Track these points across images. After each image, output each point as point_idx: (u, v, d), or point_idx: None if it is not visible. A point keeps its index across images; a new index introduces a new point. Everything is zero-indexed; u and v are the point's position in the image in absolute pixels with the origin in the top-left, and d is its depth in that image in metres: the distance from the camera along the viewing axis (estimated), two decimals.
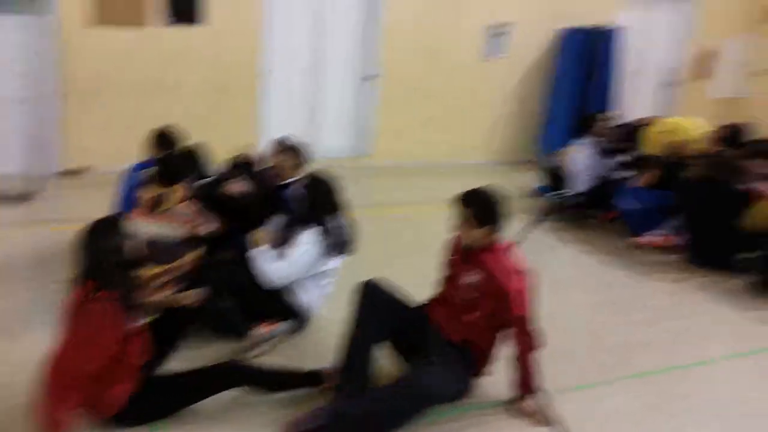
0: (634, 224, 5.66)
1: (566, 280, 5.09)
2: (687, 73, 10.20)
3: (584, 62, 8.70)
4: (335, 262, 3.61)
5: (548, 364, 3.43)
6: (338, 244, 3.51)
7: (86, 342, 2.51)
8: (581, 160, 6.42)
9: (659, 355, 3.66)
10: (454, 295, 3.08)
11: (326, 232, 3.45)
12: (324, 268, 3.55)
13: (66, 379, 2.50)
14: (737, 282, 4.84)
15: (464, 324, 2.96)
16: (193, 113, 7.17)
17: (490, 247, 2.95)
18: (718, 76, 10.45)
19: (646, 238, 5.49)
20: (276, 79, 8.00)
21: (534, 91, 9.13)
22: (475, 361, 3.04)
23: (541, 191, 7.25)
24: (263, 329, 3.44)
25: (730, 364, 3.62)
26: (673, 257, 5.32)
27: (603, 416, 3.03)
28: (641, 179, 5.71)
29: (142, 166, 4.44)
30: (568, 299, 4.50)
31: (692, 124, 6.04)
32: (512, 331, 2.91)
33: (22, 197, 6.05)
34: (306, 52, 8.17)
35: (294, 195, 3.87)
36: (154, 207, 3.94)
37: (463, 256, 3.04)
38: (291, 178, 4.22)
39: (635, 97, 10.09)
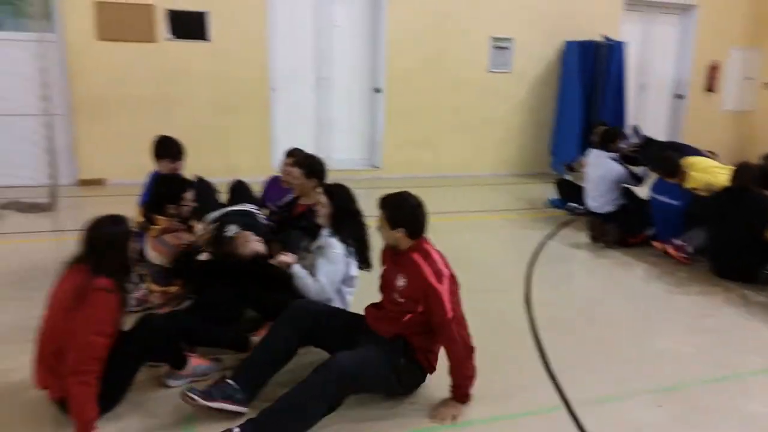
0: (664, 227, 5.63)
1: (589, 290, 5.05)
2: (694, 86, 10.22)
3: (588, 75, 8.73)
4: (356, 271, 3.57)
5: (572, 376, 3.41)
6: (362, 253, 3.48)
7: (101, 324, 2.60)
8: (600, 172, 6.36)
9: (685, 367, 3.60)
10: (389, 298, 3.12)
11: (350, 242, 3.43)
12: (348, 277, 3.51)
13: (90, 365, 2.56)
14: (764, 293, 4.79)
15: (401, 323, 3.00)
16: (203, 128, 7.18)
17: (413, 250, 3.02)
18: (725, 88, 10.48)
19: (667, 245, 5.41)
20: (283, 94, 8.01)
21: (542, 103, 9.15)
22: (415, 355, 3.04)
23: (554, 204, 7.23)
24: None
25: (760, 379, 3.56)
26: (698, 268, 5.27)
27: (627, 429, 2.97)
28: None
29: (156, 175, 4.42)
30: (590, 310, 4.44)
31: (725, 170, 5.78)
32: (444, 333, 2.93)
33: (44, 208, 6.17)
34: (312, 67, 8.19)
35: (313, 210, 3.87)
36: (143, 230, 3.90)
37: (393, 259, 3.12)
38: (310, 198, 4.10)
39: (643, 109, 10.13)
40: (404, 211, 3.03)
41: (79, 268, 2.71)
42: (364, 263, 3.52)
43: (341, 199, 3.50)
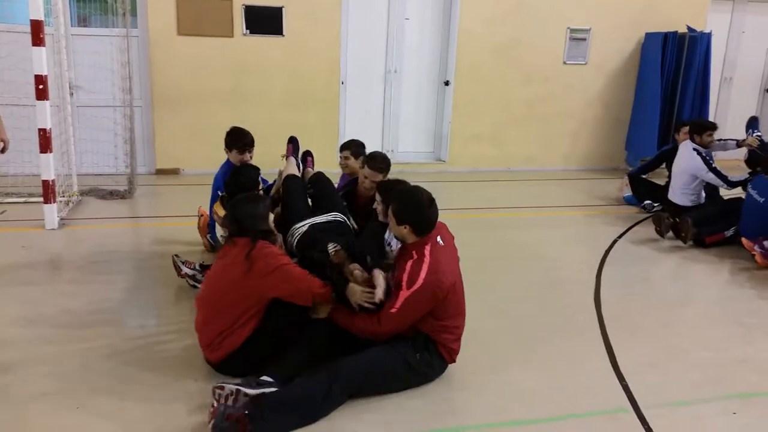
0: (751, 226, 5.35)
1: (662, 290, 4.84)
2: None
3: (669, 68, 8.34)
4: None
5: (640, 377, 3.28)
6: None
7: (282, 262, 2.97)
8: (682, 166, 6.15)
9: (763, 374, 3.40)
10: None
11: None
12: None
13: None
14: None
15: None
16: (274, 121, 7.33)
17: (414, 247, 2.98)
18: None
19: (755, 245, 5.11)
20: (352, 87, 8.08)
21: (619, 96, 8.82)
22: (436, 346, 3.03)
23: (629, 201, 6.97)
24: None
25: None
26: None
27: None
28: None
29: (228, 166, 4.57)
30: (663, 311, 4.25)
31: None
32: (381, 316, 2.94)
33: (122, 195, 6.49)
34: (381, 60, 8.21)
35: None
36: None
37: (402, 248, 3.10)
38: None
39: (727, 104, 9.60)
40: (410, 209, 2.98)
41: (236, 243, 3.00)
42: None
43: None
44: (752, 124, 6.83)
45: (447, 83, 8.34)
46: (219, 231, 4.08)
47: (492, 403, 3.02)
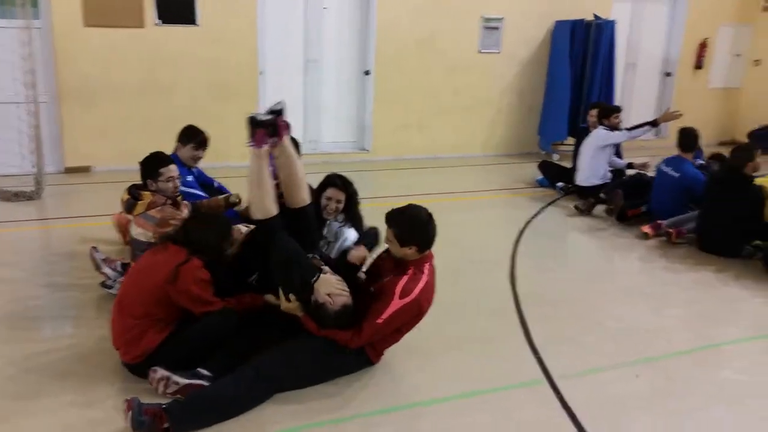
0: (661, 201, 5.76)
1: (572, 266, 5.12)
2: (682, 64, 10.22)
3: (577, 55, 8.73)
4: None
5: (554, 349, 3.48)
6: (374, 238, 3.54)
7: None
8: (589, 140, 6.54)
9: (664, 340, 3.67)
10: (366, 288, 3.19)
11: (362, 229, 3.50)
12: None
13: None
14: (747, 268, 4.87)
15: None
16: (191, 112, 7.14)
17: (414, 263, 3.03)
18: (712, 66, 10.49)
19: (656, 229, 5.48)
20: (272, 77, 7.99)
21: (531, 83, 9.15)
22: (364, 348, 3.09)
23: (542, 183, 7.29)
24: None
25: (734, 348, 3.64)
26: (682, 245, 5.34)
27: (611, 400, 3.03)
28: None
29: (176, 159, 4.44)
30: (572, 285, 4.51)
31: None
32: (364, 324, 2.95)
33: (29, 196, 6.14)
34: (300, 50, 8.16)
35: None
36: (129, 210, 3.94)
37: (395, 262, 3.12)
38: None
39: (632, 88, 10.14)
40: (415, 229, 2.99)
41: (167, 248, 3.01)
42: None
43: (352, 191, 3.57)
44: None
45: (367, 73, 8.39)
46: (134, 230, 3.93)
47: (412, 385, 3.13)
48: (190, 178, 4.63)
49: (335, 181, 3.66)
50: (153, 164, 3.92)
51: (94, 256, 4.02)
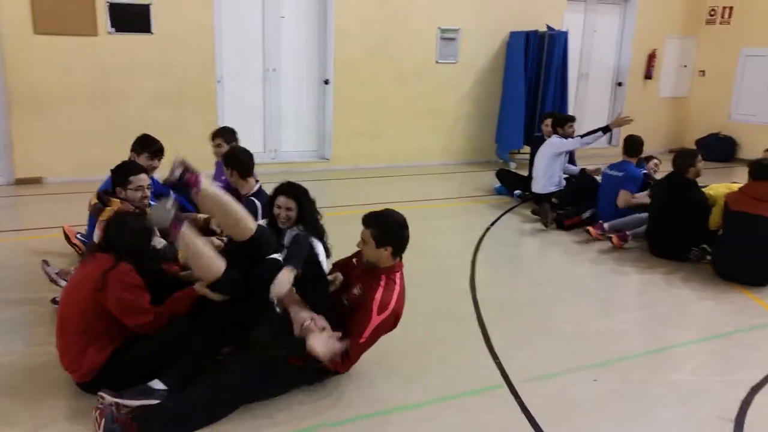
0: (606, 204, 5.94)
1: (530, 272, 5.22)
2: (633, 74, 10.56)
3: (532, 65, 8.93)
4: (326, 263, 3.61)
5: (513, 354, 3.54)
6: (325, 246, 3.52)
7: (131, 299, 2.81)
8: (544, 149, 6.69)
9: (619, 343, 3.78)
10: (337, 297, 3.20)
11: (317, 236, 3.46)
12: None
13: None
14: (695, 271, 5.05)
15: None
16: (147, 121, 7.03)
17: (386, 271, 3.06)
18: (661, 76, 10.87)
19: (599, 230, 5.65)
20: (230, 86, 7.93)
21: (488, 93, 9.31)
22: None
23: (499, 191, 7.41)
24: None
25: (685, 350, 3.77)
26: (636, 249, 5.51)
27: (568, 403, 3.10)
28: None
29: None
30: (532, 291, 4.60)
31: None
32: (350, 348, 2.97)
33: None
34: (258, 58, 8.13)
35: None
36: (96, 214, 3.87)
37: (364, 269, 3.14)
38: (243, 188, 4.21)
39: (585, 97, 10.42)
40: (392, 230, 3.04)
41: (96, 258, 2.90)
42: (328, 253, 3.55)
43: (306, 198, 3.53)
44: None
45: (327, 82, 8.40)
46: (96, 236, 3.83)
47: (377, 392, 3.14)
48: None
49: (284, 188, 3.61)
50: (123, 172, 3.88)
51: (47, 270, 3.92)
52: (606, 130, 6.74)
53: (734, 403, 3.15)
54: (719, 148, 10.35)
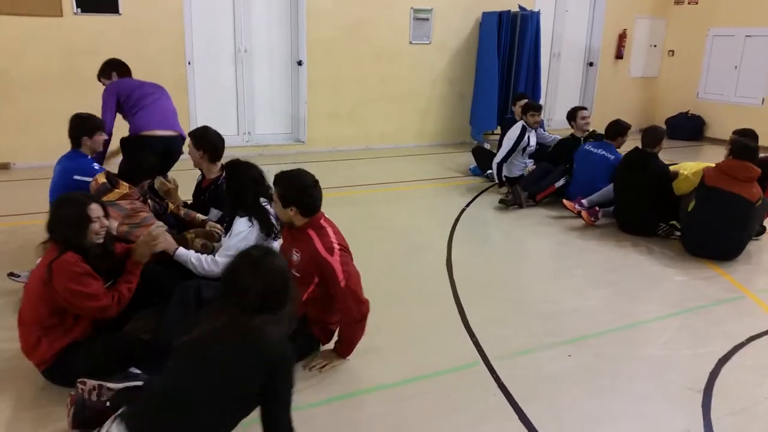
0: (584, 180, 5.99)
1: (505, 251, 5.27)
2: (604, 54, 10.65)
3: (504, 45, 8.95)
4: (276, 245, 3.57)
5: (489, 332, 3.60)
6: (268, 228, 3.46)
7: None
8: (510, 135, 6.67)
9: (592, 320, 3.86)
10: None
11: (256, 218, 3.41)
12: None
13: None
14: (664, 246, 5.16)
15: (301, 302, 3.02)
16: None
17: (308, 226, 3.08)
18: (632, 56, 10.99)
19: (578, 207, 5.71)
20: (201, 68, 7.80)
21: (462, 74, 9.32)
22: (310, 328, 3.15)
23: (474, 172, 7.45)
24: None
25: (656, 325, 3.87)
26: (607, 225, 5.61)
27: (543, 379, 3.17)
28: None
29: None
30: (506, 270, 4.67)
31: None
32: (339, 302, 3.03)
33: None
34: (230, 39, 8.00)
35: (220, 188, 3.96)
36: (102, 194, 3.79)
37: (290, 234, 3.18)
38: (209, 172, 4.20)
39: (557, 77, 10.49)
40: (295, 190, 3.03)
41: (52, 245, 2.80)
42: (272, 233, 3.52)
43: (233, 176, 3.51)
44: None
45: (300, 63, 8.31)
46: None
47: (352, 373, 3.16)
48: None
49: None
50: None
51: (20, 281, 3.85)
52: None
53: (703, 375, 3.25)
54: (688, 127, 10.55)
